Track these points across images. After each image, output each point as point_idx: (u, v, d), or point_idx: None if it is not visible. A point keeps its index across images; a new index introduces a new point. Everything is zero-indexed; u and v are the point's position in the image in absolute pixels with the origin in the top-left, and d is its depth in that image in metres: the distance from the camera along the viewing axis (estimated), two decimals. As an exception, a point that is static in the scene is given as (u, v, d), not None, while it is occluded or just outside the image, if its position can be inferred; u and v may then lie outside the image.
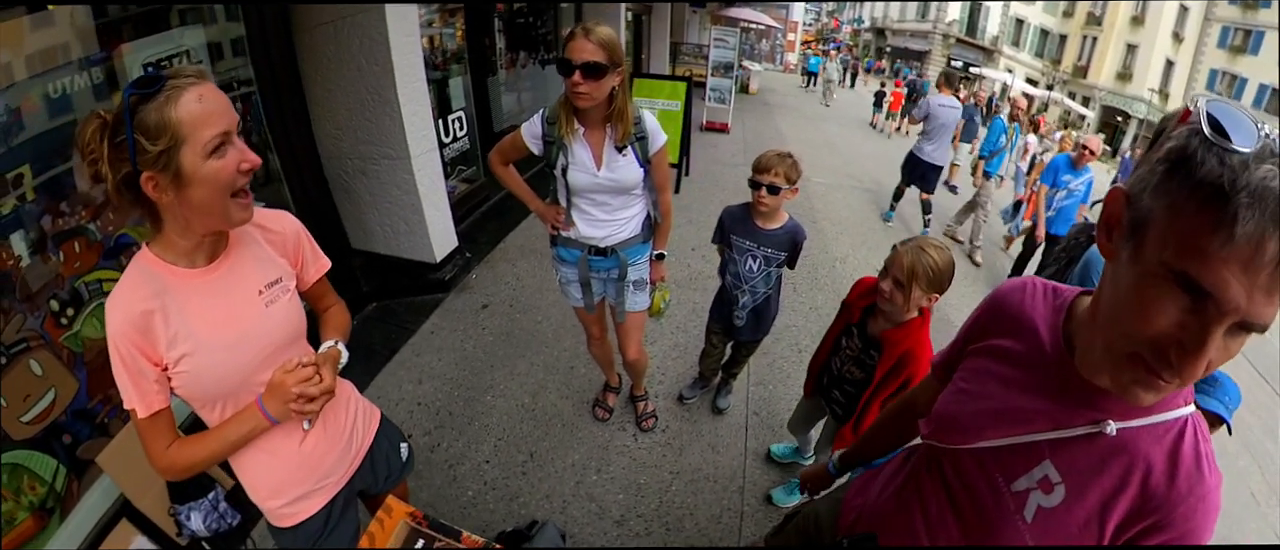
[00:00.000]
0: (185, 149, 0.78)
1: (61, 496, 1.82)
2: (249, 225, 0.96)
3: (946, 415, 0.83)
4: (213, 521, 1.95)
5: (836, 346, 1.81)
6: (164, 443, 0.92)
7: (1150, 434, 0.65)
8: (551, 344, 3.08)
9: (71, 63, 1.80)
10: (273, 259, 1.02)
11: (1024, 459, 0.72)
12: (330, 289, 1.20)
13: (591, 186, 1.79)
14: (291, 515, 1.11)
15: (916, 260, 1.41)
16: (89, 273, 1.90)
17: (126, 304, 0.85)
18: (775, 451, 2.43)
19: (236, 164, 0.82)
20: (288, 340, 1.02)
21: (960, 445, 0.79)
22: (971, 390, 0.82)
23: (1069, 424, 0.68)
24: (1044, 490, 0.69)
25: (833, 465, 1.32)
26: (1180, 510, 0.62)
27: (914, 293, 1.43)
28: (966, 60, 29.96)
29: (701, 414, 2.69)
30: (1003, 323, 0.81)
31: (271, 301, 0.99)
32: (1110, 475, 0.65)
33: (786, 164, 1.92)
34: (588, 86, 1.57)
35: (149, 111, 0.76)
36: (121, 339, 0.85)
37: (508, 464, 2.33)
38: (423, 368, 2.82)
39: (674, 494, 2.28)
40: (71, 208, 1.83)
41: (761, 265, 2.10)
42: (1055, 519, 0.68)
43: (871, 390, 1.61)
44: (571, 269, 2.01)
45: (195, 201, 0.82)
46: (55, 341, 1.80)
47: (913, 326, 1.51)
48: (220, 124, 0.80)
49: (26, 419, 1.71)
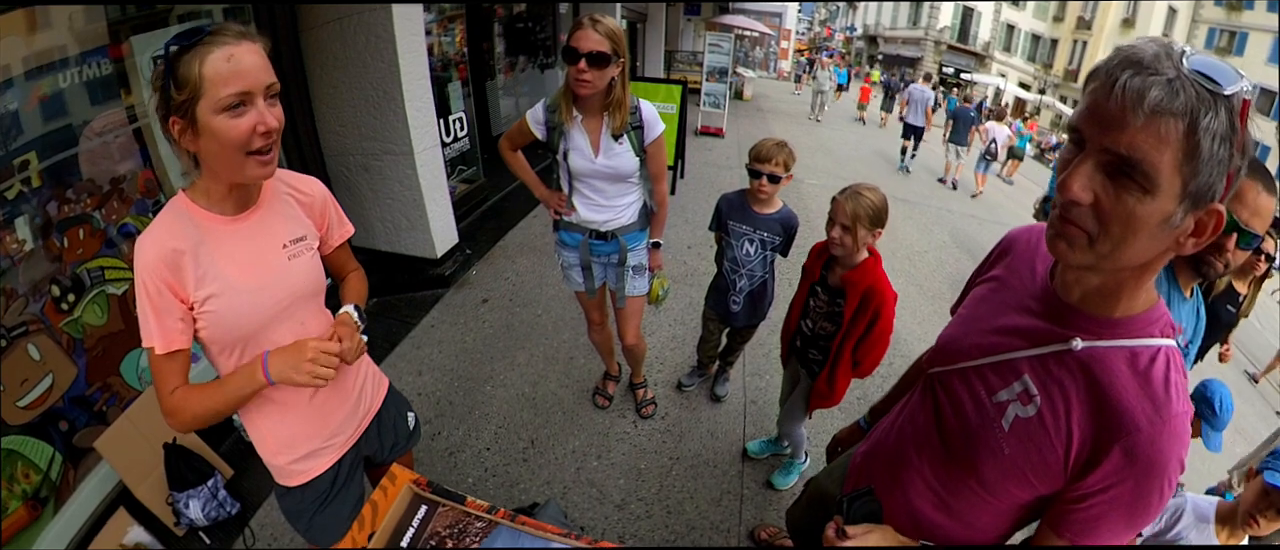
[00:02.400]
0: (202, 103, 0.83)
1: (56, 486, 1.83)
2: (281, 185, 1.05)
3: (946, 338, 0.90)
4: (211, 510, 1.96)
5: (806, 309, 1.90)
6: (174, 383, 0.94)
7: (1120, 355, 0.68)
8: (551, 336, 3.10)
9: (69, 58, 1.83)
10: (300, 218, 1.07)
11: (1005, 375, 0.77)
12: (351, 256, 1.25)
13: (589, 172, 1.84)
14: (300, 473, 1.13)
15: (856, 204, 1.60)
16: (92, 259, 1.92)
17: (159, 242, 0.89)
18: (752, 449, 2.43)
19: (252, 125, 0.85)
20: (307, 294, 1.06)
21: (953, 366, 0.84)
22: (968, 315, 0.89)
23: (1046, 343, 0.73)
24: (1022, 402, 0.74)
25: (864, 421, 1.41)
26: (1145, 432, 0.64)
27: (860, 232, 1.61)
28: (958, 66, 30.27)
29: (700, 402, 2.71)
30: (1005, 257, 0.89)
31: (294, 256, 1.04)
32: (1076, 387, 0.70)
33: (784, 153, 2.00)
34: (591, 75, 1.62)
35: (183, 62, 0.82)
36: (150, 274, 0.88)
37: (508, 450, 2.34)
38: (423, 360, 2.83)
39: (674, 478, 2.29)
40: (77, 195, 1.86)
41: (758, 249, 2.14)
42: (1029, 427, 0.73)
43: (842, 334, 1.71)
44: (573, 253, 2.05)
45: (209, 153, 0.87)
46: (55, 327, 1.81)
47: (868, 265, 1.68)
48: (240, 84, 0.83)
49: (23, 404, 1.72)
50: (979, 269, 0.97)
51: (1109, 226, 0.59)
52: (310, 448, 1.12)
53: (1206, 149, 0.53)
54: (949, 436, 0.84)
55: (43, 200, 1.76)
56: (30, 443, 1.76)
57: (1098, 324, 0.70)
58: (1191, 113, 0.52)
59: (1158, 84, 0.53)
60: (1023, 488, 0.76)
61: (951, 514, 0.86)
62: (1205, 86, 0.53)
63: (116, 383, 2.03)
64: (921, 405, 0.92)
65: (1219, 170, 0.55)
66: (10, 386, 1.68)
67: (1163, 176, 0.55)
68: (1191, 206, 0.57)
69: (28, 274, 1.74)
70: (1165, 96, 0.53)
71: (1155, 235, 0.59)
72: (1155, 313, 0.69)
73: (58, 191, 1.80)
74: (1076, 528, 0.71)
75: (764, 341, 3.10)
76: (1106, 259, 0.62)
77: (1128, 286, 0.67)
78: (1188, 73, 0.53)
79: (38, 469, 1.77)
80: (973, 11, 30.01)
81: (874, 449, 1.05)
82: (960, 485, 0.83)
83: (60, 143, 1.81)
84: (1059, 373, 0.71)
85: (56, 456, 1.83)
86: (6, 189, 1.66)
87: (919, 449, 0.89)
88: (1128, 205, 0.57)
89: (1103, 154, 0.58)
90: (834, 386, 1.81)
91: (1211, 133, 0.53)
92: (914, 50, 31.83)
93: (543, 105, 1.84)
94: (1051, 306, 0.74)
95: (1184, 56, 0.54)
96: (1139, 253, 0.61)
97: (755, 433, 2.55)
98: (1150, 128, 0.54)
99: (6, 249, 1.67)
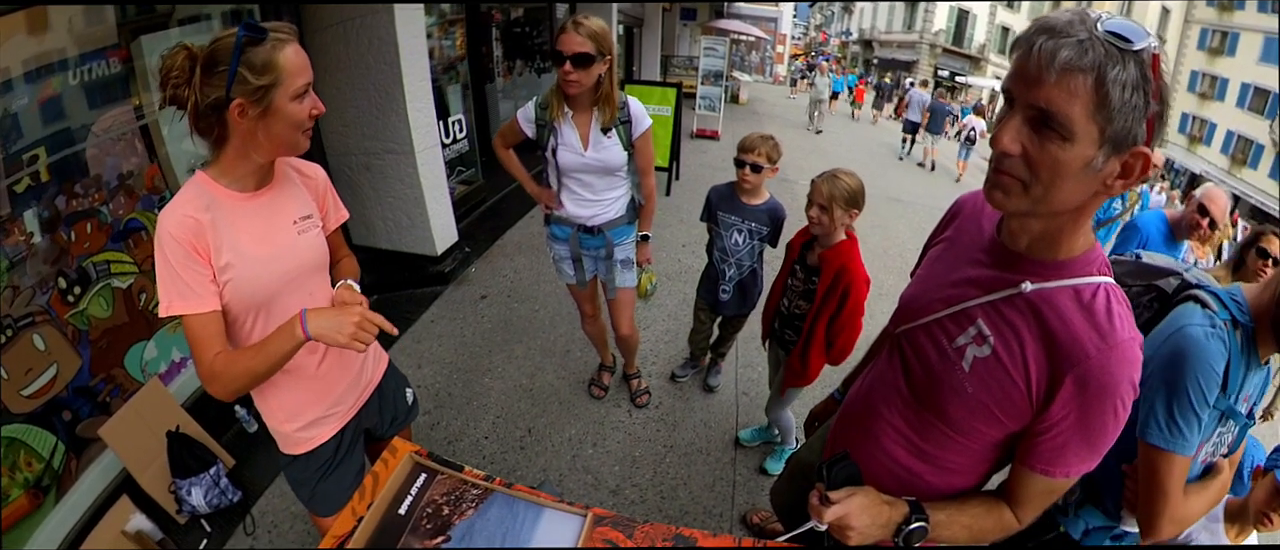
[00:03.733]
0: (280, 89, 0.94)
1: (59, 475, 1.87)
2: (289, 167, 1.15)
3: (907, 298, 0.96)
4: (214, 497, 2.00)
5: (785, 290, 1.98)
6: (216, 347, 0.98)
7: (1065, 294, 0.74)
8: (548, 330, 3.16)
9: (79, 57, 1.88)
10: (306, 198, 1.16)
11: (961, 322, 0.83)
12: (344, 241, 1.33)
13: (578, 166, 1.90)
14: (306, 441, 1.19)
15: (832, 186, 1.69)
16: (98, 253, 1.98)
17: (182, 213, 0.96)
18: (743, 437, 2.49)
19: (309, 109, 1.00)
20: (313, 267, 1.15)
21: (916, 322, 0.90)
22: (926, 274, 0.96)
23: (998, 289, 0.79)
24: (978, 344, 0.80)
25: (837, 392, 1.47)
26: (1094, 360, 0.71)
27: (836, 212, 1.70)
28: (954, 69, 30.46)
29: (693, 392, 2.76)
30: (955, 220, 0.96)
31: (303, 232, 1.12)
32: (1028, 326, 0.76)
33: (768, 145, 2.07)
34: (577, 75, 1.70)
35: (257, 52, 0.91)
36: (173, 244, 0.95)
37: (506, 439, 2.39)
38: (422, 354, 2.89)
39: (668, 466, 2.34)
40: (84, 190, 1.91)
41: (746, 238, 2.20)
42: (987, 366, 0.79)
43: (815, 310, 1.79)
44: (563, 246, 2.11)
45: (275, 131, 0.97)
46: (61, 318, 1.86)
47: (843, 246, 1.76)
48: (308, 75, 0.98)
49: (27, 393, 1.77)
50: (933, 233, 1.05)
51: (1038, 173, 0.66)
52: (314, 415, 1.19)
53: (1116, 98, 0.60)
54: (916, 385, 0.89)
55: (51, 195, 1.81)
56: (33, 431, 1.80)
57: (1043, 267, 0.76)
58: (1099, 67, 0.59)
59: (1068, 45, 0.60)
60: (991, 425, 0.81)
61: (926, 458, 0.91)
62: (1114, 44, 0.59)
63: (120, 375, 2.08)
64: (889, 363, 0.97)
65: (1136, 116, 0.61)
66: (15, 375, 1.72)
67: (1078, 125, 0.62)
68: (1113, 150, 0.63)
69: (35, 266, 1.78)
70: (1074, 55, 0.59)
71: (1080, 178, 0.66)
72: (1093, 254, 0.76)
73: (66, 186, 1.85)
74: (1044, 457, 0.77)
75: (755, 334, 3.13)
76: (1041, 202, 0.69)
77: (1067, 231, 0.74)
78: (1100, 34, 0.60)
79: (40, 457, 1.81)
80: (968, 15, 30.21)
81: (846, 411, 1.10)
82: (931, 428, 0.88)
83: (68, 139, 1.86)
84: (1011, 314, 0.78)
85: (59, 446, 1.87)
86: (15, 183, 1.71)
87: (888, 402, 0.95)
88: (1051, 153, 0.64)
89: (1027, 110, 0.65)
90: (807, 364, 1.88)
91: (1120, 83, 0.59)
92: (909, 54, 32.00)
93: (534, 104, 1.92)
94: (1000, 256, 0.81)
95: (1099, 21, 0.61)
96: (1069, 195, 0.68)
97: (748, 421, 2.60)
98: (1062, 83, 0.61)
99: (14, 241, 1.72)
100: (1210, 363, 0.95)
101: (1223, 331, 0.97)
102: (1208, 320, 0.98)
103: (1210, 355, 0.95)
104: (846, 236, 1.78)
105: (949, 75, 30.23)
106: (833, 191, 1.69)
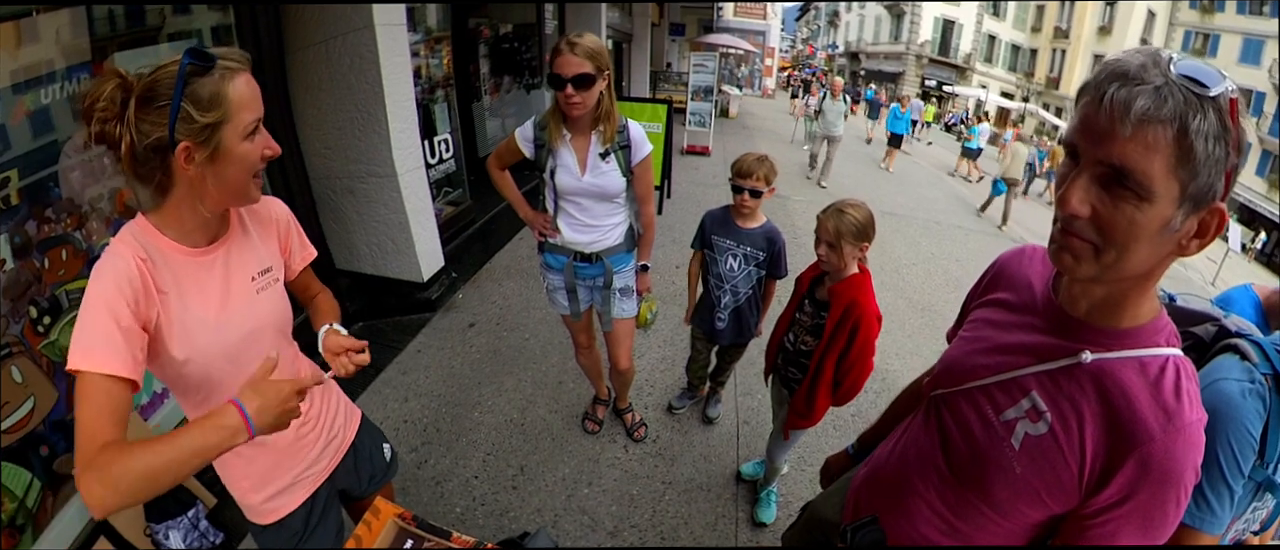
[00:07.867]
0: (228, 127, 0.80)
1: (34, 513, 1.75)
2: (245, 212, 1.01)
3: (950, 360, 0.88)
4: (193, 540, 1.89)
5: (792, 323, 1.89)
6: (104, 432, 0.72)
7: (1129, 366, 0.67)
8: (539, 360, 3.06)
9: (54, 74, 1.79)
10: (265, 248, 1.03)
11: (1012, 392, 0.75)
12: (315, 278, 1.21)
13: (576, 190, 1.83)
14: (272, 511, 1.09)
15: (839, 221, 1.61)
16: (72, 281, 1.87)
17: (124, 261, 0.81)
18: (745, 471, 2.38)
19: (261, 149, 0.87)
20: (273, 329, 1.02)
21: (957, 387, 0.82)
22: (970, 336, 0.87)
23: (1054, 357, 0.72)
24: (1032, 419, 0.72)
25: (852, 448, 1.38)
26: (1159, 443, 0.63)
27: (845, 248, 1.62)
28: (940, 79, 30.84)
29: (692, 424, 2.67)
30: (1001, 281, 0.88)
31: (262, 289, 1.00)
32: (1089, 401, 0.68)
33: (765, 167, 2.01)
34: (580, 97, 1.64)
35: (204, 84, 0.77)
36: (111, 292, 0.78)
37: (497, 479, 2.29)
38: (409, 386, 2.78)
39: (667, 503, 2.24)
40: (56, 215, 1.81)
41: (742, 264, 2.13)
42: (1041, 446, 0.71)
43: (822, 347, 1.70)
44: (558, 276, 2.02)
45: (225, 177, 0.84)
46: (34, 349, 1.75)
47: (855, 280, 1.68)
48: (258, 110, 0.85)
49: (4, 427, 1.66)
50: (973, 292, 0.97)
51: (1111, 236, 0.60)
52: (282, 483, 1.08)
53: (1201, 151, 0.53)
54: (956, 459, 0.81)
55: (21, 219, 1.71)
56: (8, 468, 1.69)
57: (1105, 336, 0.69)
58: (1180, 117, 0.53)
59: (1144, 93, 0.53)
60: (1036, 507, 0.73)
61: (960, 538, 0.83)
62: (1192, 90, 0.53)
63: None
64: (924, 428, 0.90)
65: (1217, 170, 0.55)
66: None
67: (1157, 183, 0.55)
68: (1192, 209, 0.57)
69: (7, 294, 1.68)
70: (1152, 105, 0.53)
71: (1156, 241, 0.59)
72: (1160, 322, 0.69)
73: (37, 211, 1.76)
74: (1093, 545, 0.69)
75: (755, 361, 3.05)
76: (1111, 269, 0.62)
77: (1132, 297, 0.67)
78: (1175, 78, 0.53)
79: (14, 496, 1.70)
80: (954, 24, 30.63)
81: (873, 475, 1.02)
82: (969, 508, 0.80)
83: (41, 161, 1.76)
84: (1069, 387, 0.70)
85: (35, 482, 1.76)
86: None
87: (923, 474, 0.87)
88: (1127, 214, 0.58)
89: (1097, 166, 0.59)
90: (812, 405, 1.78)
91: (1203, 134, 0.53)
92: (896, 65, 32.35)
93: (532, 123, 1.84)
94: (1057, 321, 0.74)
95: (1171, 63, 0.54)
96: (1143, 260, 0.61)
97: (749, 454, 2.51)
98: (1139, 137, 0.54)
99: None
100: (1246, 424, 0.82)
101: (1262, 387, 0.84)
102: (1247, 374, 0.85)
103: (1245, 416, 0.83)
104: (859, 269, 1.70)
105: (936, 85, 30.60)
106: (840, 227, 1.61)
